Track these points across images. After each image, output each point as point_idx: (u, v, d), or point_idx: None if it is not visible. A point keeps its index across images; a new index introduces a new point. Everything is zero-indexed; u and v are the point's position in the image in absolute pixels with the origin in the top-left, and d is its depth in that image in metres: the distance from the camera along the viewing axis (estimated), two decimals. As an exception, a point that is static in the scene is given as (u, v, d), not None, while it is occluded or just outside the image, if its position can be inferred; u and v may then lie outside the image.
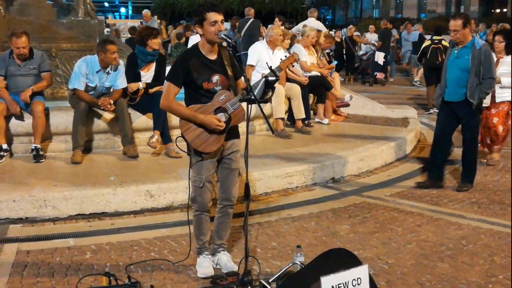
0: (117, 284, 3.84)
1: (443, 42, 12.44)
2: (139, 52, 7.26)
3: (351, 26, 21.31)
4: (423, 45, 13.02)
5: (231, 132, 4.20)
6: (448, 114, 6.63)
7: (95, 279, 4.15)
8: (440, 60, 11.92)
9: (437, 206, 6.06)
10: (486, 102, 7.31)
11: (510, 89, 7.50)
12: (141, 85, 7.16)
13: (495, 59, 7.21)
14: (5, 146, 6.73)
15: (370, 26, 20.54)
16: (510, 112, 7.78)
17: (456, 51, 6.57)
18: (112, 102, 6.89)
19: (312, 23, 12.59)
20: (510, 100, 7.62)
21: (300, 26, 12.81)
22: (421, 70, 16.56)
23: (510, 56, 7.60)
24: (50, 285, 4.13)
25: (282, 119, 8.45)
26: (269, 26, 10.47)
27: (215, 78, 4.11)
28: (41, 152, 6.72)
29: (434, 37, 12.84)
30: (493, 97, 7.59)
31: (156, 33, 7.29)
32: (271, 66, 4.14)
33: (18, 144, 7.02)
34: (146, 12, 18.39)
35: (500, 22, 21.22)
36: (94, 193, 5.65)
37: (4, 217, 5.43)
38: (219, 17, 4.02)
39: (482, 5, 47.98)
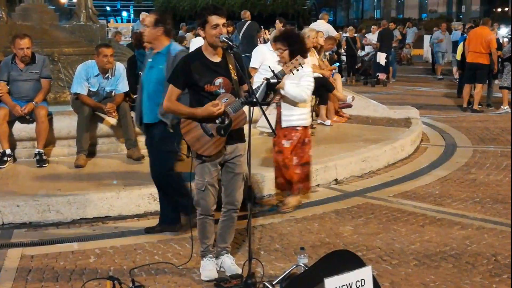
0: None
1: None
2: (139, 54, 7.30)
3: (351, 27, 21.24)
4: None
5: (234, 136, 4.18)
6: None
7: (99, 283, 4.17)
8: None
9: (440, 206, 6.05)
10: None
11: (302, 110, 5.66)
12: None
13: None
14: (8, 151, 6.75)
15: (372, 26, 20.42)
16: (306, 139, 5.79)
17: (150, 59, 5.15)
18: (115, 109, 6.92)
19: (320, 26, 12.60)
20: (304, 124, 5.72)
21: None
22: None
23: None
24: (55, 290, 4.15)
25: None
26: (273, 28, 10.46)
27: (218, 81, 4.11)
28: (44, 157, 6.74)
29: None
30: (279, 120, 5.72)
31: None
32: (273, 70, 4.14)
33: (22, 149, 7.04)
34: (143, 15, 18.02)
35: (501, 21, 21.16)
36: (97, 197, 5.66)
37: (8, 222, 5.44)
38: (220, 20, 4.04)
39: (483, 4, 47.95)
